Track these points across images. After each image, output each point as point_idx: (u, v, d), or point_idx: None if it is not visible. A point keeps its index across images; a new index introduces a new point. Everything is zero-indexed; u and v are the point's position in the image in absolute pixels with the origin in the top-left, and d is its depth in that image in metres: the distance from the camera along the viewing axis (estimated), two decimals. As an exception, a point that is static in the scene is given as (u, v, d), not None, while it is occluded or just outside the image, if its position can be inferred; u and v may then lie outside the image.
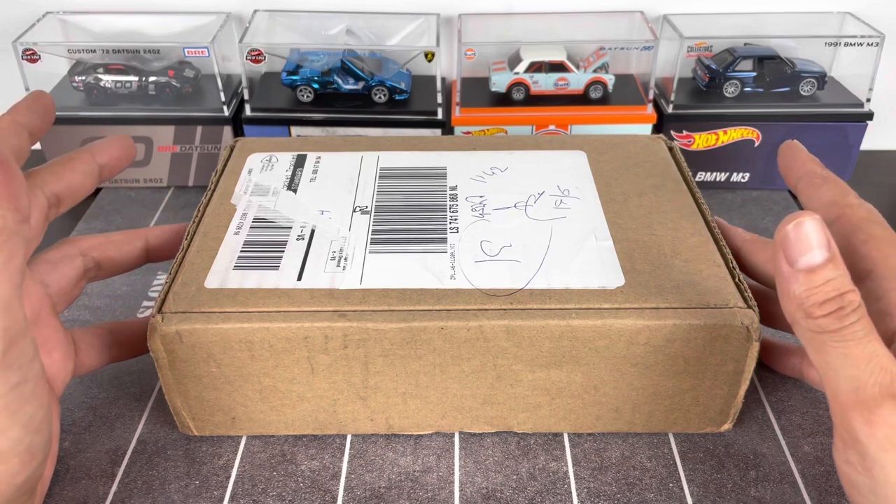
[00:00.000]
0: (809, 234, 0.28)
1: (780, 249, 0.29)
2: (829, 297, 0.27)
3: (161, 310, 0.34)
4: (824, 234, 0.28)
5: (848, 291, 0.27)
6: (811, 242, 0.28)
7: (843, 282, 0.28)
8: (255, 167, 0.44)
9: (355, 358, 0.34)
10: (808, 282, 0.28)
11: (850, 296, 0.27)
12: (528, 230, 0.39)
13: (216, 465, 0.37)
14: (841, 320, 0.27)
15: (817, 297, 0.28)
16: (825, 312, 0.27)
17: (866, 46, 0.55)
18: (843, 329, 0.27)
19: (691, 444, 0.38)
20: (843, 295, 0.27)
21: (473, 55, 0.57)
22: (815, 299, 0.28)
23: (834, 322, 0.27)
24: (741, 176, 0.59)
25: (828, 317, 0.27)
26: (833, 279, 0.28)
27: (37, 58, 0.55)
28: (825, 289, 0.27)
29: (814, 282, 0.28)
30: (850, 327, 0.27)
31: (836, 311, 0.27)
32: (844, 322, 0.27)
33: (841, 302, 0.27)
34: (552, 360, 0.35)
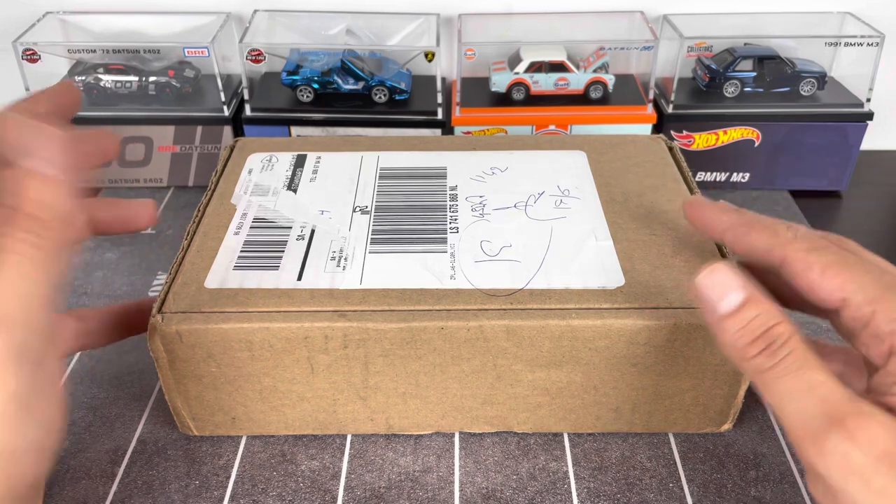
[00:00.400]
0: (723, 281, 0.29)
1: (701, 303, 0.30)
2: (756, 335, 0.28)
3: (161, 310, 0.34)
4: (737, 276, 0.29)
5: (774, 325, 0.28)
6: (726, 288, 0.29)
7: (766, 317, 0.28)
8: (255, 167, 0.44)
9: (355, 358, 0.34)
10: (733, 326, 0.29)
11: (777, 329, 0.28)
12: (528, 230, 0.39)
13: (216, 465, 0.37)
14: (773, 356, 0.27)
15: (745, 339, 0.28)
16: (756, 352, 0.28)
17: (866, 46, 0.55)
18: (777, 365, 0.27)
19: (691, 444, 0.38)
20: (769, 330, 0.28)
21: (473, 55, 0.57)
22: (743, 341, 0.28)
23: (767, 360, 0.27)
24: (741, 176, 0.59)
25: (760, 355, 0.28)
26: (755, 317, 0.28)
27: (37, 58, 0.55)
28: (750, 328, 0.28)
29: (738, 324, 0.28)
30: (784, 362, 0.27)
31: (766, 348, 0.28)
32: (776, 358, 0.27)
33: (768, 338, 0.28)
34: (552, 360, 0.35)
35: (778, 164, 0.58)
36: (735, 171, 0.59)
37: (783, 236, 0.30)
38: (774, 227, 0.31)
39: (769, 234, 0.31)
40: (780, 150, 0.57)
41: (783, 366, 0.27)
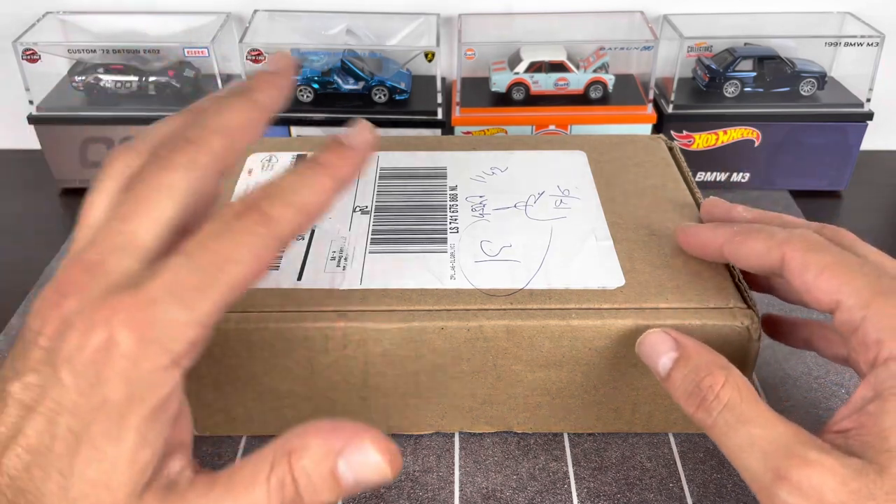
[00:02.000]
0: (654, 346, 0.31)
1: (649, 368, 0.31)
2: (689, 391, 0.29)
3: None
4: (667, 336, 0.30)
5: (703, 378, 0.28)
6: (659, 351, 0.30)
7: (696, 371, 0.29)
8: (255, 167, 0.44)
9: (355, 358, 0.34)
10: (673, 383, 0.30)
11: (707, 381, 0.28)
12: (528, 230, 0.39)
13: (216, 465, 0.37)
14: (709, 412, 0.28)
15: (683, 395, 0.29)
16: (694, 408, 0.28)
17: (866, 46, 0.55)
18: (715, 422, 0.27)
19: (691, 444, 0.38)
20: (698, 384, 0.28)
21: (473, 55, 0.57)
22: (682, 398, 0.29)
23: (705, 415, 0.28)
24: (741, 176, 0.59)
25: (698, 410, 0.28)
26: (687, 373, 0.29)
27: (37, 58, 0.55)
28: (684, 385, 0.29)
29: (675, 382, 0.29)
30: (721, 417, 0.27)
31: (700, 403, 0.28)
32: (713, 413, 0.28)
33: (700, 392, 0.28)
34: (552, 360, 0.35)
35: (778, 164, 0.58)
36: (735, 171, 0.59)
37: (778, 237, 0.30)
38: (769, 230, 0.31)
39: (764, 237, 0.31)
40: (780, 150, 0.57)
41: (721, 422, 0.27)
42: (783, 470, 0.25)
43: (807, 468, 0.25)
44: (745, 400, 0.27)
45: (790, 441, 0.26)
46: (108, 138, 0.57)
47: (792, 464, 0.25)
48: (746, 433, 0.26)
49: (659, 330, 0.31)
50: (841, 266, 0.28)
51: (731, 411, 0.27)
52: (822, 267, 0.29)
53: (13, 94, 0.60)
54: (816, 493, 0.24)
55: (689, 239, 0.36)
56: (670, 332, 0.31)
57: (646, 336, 0.31)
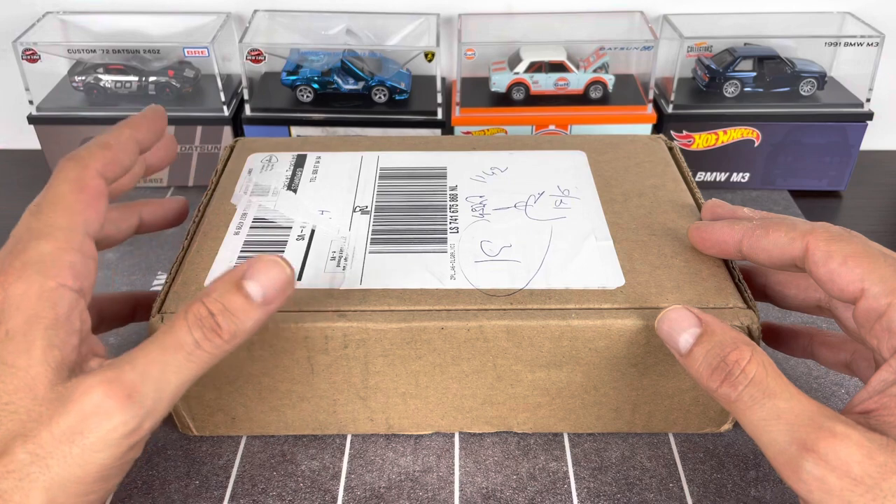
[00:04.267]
0: (676, 322, 0.30)
1: (668, 347, 0.31)
2: (714, 366, 0.29)
3: (161, 310, 0.34)
4: (690, 313, 0.30)
5: (728, 353, 0.28)
6: (681, 327, 0.30)
7: (721, 347, 0.29)
8: (255, 167, 0.44)
9: (355, 358, 0.34)
10: (694, 360, 0.29)
11: (732, 356, 0.28)
12: (528, 230, 0.39)
13: (216, 465, 0.37)
14: (734, 386, 0.28)
15: (706, 370, 0.29)
16: (718, 383, 0.28)
17: (866, 46, 0.55)
18: (740, 396, 0.27)
19: (691, 444, 0.38)
20: (724, 359, 0.28)
21: (473, 55, 0.57)
22: (705, 373, 0.29)
23: (730, 390, 0.28)
24: (741, 176, 0.59)
25: (723, 386, 0.28)
26: (711, 348, 0.29)
27: (37, 58, 0.55)
28: (708, 360, 0.29)
29: (698, 357, 0.29)
30: (746, 392, 0.27)
31: (725, 378, 0.28)
32: (738, 388, 0.28)
33: (725, 367, 0.28)
34: (552, 360, 0.35)
35: (778, 164, 0.58)
36: (735, 171, 0.59)
37: (801, 228, 0.31)
38: (790, 222, 0.32)
39: (787, 228, 0.31)
40: (780, 150, 0.57)
41: (747, 396, 0.27)
42: (810, 442, 0.25)
43: (834, 441, 0.25)
44: (771, 375, 0.27)
45: (816, 415, 0.26)
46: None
47: (819, 436, 0.25)
48: (773, 406, 0.27)
49: (680, 306, 0.31)
50: (865, 255, 0.29)
51: (757, 386, 0.27)
52: (846, 255, 0.29)
53: (13, 94, 0.60)
54: (843, 465, 0.24)
55: (704, 236, 0.36)
56: (692, 309, 0.31)
57: (666, 312, 0.31)
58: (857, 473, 0.24)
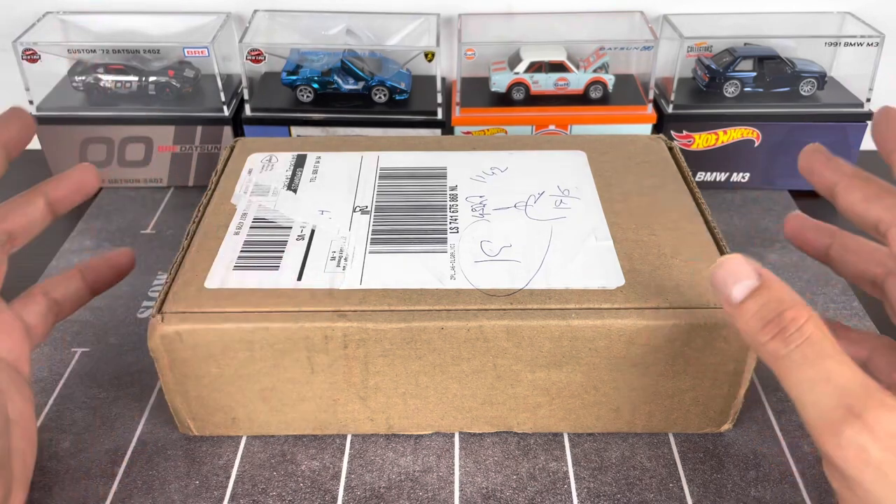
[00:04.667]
0: (736, 269, 0.29)
1: (717, 294, 0.30)
2: (769, 318, 0.28)
3: (161, 310, 0.34)
4: (749, 265, 0.29)
5: (786, 310, 0.28)
6: (739, 275, 0.29)
7: (779, 303, 0.28)
8: (255, 167, 0.44)
9: (355, 358, 0.34)
10: (747, 311, 0.28)
11: (790, 313, 0.27)
12: (528, 230, 0.39)
13: (216, 465, 0.37)
14: (786, 343, 0.27)
15: (758, 323, 0.28)
16: (769, 336, 0.28)
17: (866, 46, 0.55)
18: (791, 353, 0.27)
19: (691, 444, 0.38)
20: (781, 315, 0.28)
21: (473, 55, 0.56)
22: (757, 325, 0.28)
23: (781, 346, 0.27)
24: (741, 176, 0.59)
25: (773, 340, 0.27)
26: (767, 302, 0.28)
27: (37, 58, 0.55)
28: (762, 313, 0.28)
29: (751, 309, 0.28)
30: (799, 350, 0.27)
31: (779, 333, 0.27)
32: (790, 345, 0.27)
33: (781, 322, 0.27)
34: (552, 360, 0.35)
35: (778, 164, 0.58)
36: (735, 171, 0.59)
37: None
38: None
39: None
40: (780, 150, 0.57)
41: (799, 353, 0.27)
42: (858, 408, 0.25)
43: (883, 410, 0.24)
44: (827, 338, 0.27)
45: (868, 384, 0.25)
46: (108, 138, 0.57)
47: (869, 404, 0.25)
48: (824, 368, 0.26)
49: (739, 255, 0.30)
50: None
51: (812, 346, 0.27)
52: None
53: (13, 94, 0.59)
54: (889, 437, 0.24)
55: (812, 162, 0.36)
56: (751, 261, 0.29)
57: (725, 259, 0.30)
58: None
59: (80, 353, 0.44)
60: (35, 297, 0.36)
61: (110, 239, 0.53)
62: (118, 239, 0.53)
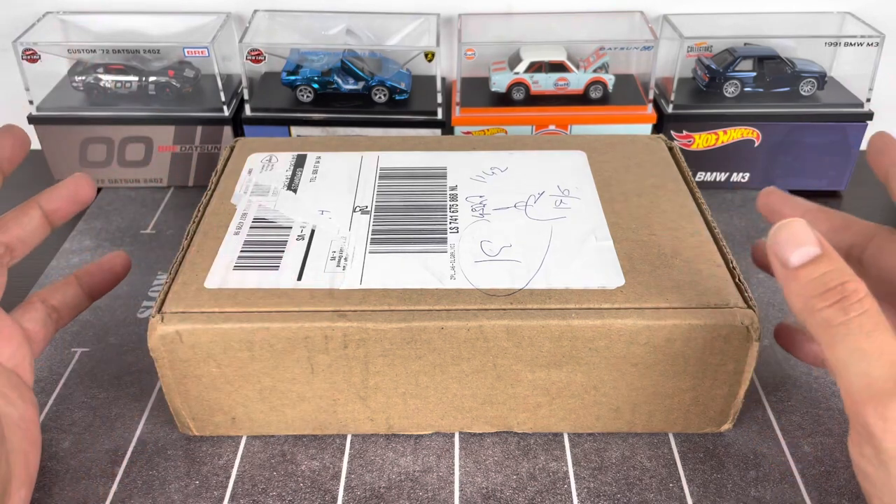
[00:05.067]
0: (798, 233, 0.29)
1: (774, 255, 0.29)
2: (830, 286, 0.27)
3: (161, 310, 0.34)
4: (813, 232, 0.29)
5: (848, 281, 0.27)
6: (801, 240, 0.28)
7: (841, 273, 0.28)
8: (256, 167, 0.44)
9: (355, 358, 0.34)
10: (806, 276, 0.28)
11: (852, 285, 0.27)
12: (528, 230, 0.39)
13: (216, 465, 0.37)
14: (846, 311, 0.27)
15: (817, 289, 0.28)
16: (828, 303, 0.27)
17: (866, 46, 0.55)
18: (849, 321, 0.27)
19: (691, 444, 0.38)
20: (843, 284, 0.27)
21: (473, 55, 0.56)
22: (814, 291, 0.28)
23: (839, 314, 0.27)
24: (741, 176, 0.59)
25: (832, 307, 0.27)
26: (830, 271, 0.28)
27: (37, 58, 0.55)
28: (824, 280, 0.28)
29: (811, 274, 0.28)
30: (857, 319, 0.27)
31: (839, 300, 0.27)
32: (850, 314, 0.27)
33: (843, 291, 0.27)
34: (552, 360, 0.35)
35: (778, 164, 0.58)
36: (735, 171, 0.59)
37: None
38: None
39: None
40: (780, 150, 0.57)
41: (856, 323, 0.27)
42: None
43: None
44: (882, 315, 0.27)
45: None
46: (108, 138, 0.57)
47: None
48: (880, 339, 0.26)
49: (803, 221, 0.29)
50: None
51: (870, 317, 0.27)
52: None
53: (13, 94, 0.60)
54: None
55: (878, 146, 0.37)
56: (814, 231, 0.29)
57: (788, 222, 0.29)
58: None
59: (80, 353, 0.44)
60: (34, 305, 0.37)
61: (110, 239, 0.53)
62: (118, 239, 0.53)
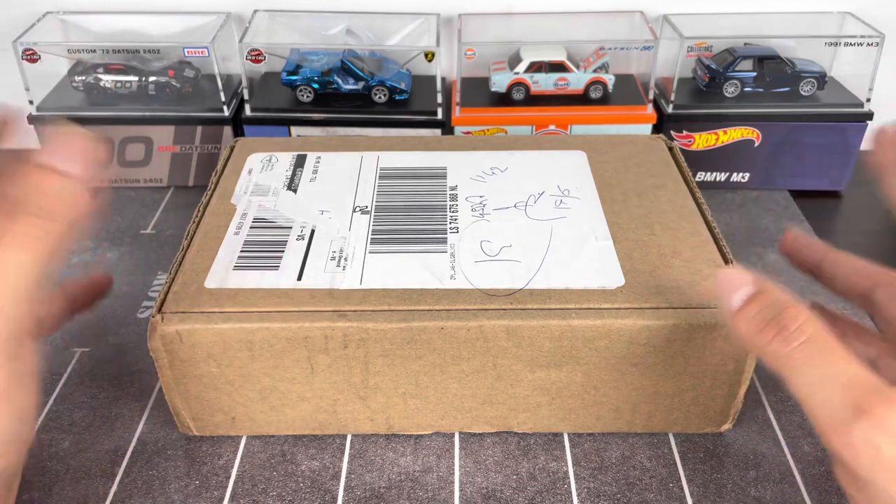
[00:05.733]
0: (734, 278, 0.30)
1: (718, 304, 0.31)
2: (767, 320, 0.28)
3: (161, 310, 0.34)
4: (745, 273, 0.30)
5: (786, 310, 0.28)
6: (738, 284, 0.30)
7: (777, 304, 0.28)
8: (256, 167, 0.44)
9: (355, 358, 0.34)
10: (746, 316, 0.29)
11: (790, 312, 0.28)
12: (528, 230, 0.39)
13: (216, 465, 0.37)
14: (787, 342, 0.27)
15: (758, 325, 0.28)
16: (770, 337, 0.28)
17: (866, 46, 0.55)
18: (793, 352, 0.27)
19: (691, 444, 0.38)
20: (780, 315, 0.28)
21: (473, 55, 0.56)
22: (756, 328, 0.28)
23: (781, 346, 0.27)
24: (741, 176, 0.59)
25: (774, 341, 0.27)
26: (767, 305, 0.28)
27: (37, 58, 0.55)
28: (762, 315, 0.28)
29: (750, 313, 0.29)
30: (801, 349, 0.27)
31: (779, 332, 0.27)
32: (791, 343, 0.27)
33: (780, 322, 0.28)
34: (552, 360, 0.35)
35: (778, 164, 0.58)
36: (735, 171, 0.59)
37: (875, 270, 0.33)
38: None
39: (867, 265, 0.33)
40: (780, 150, 0.57)
41: (802, 353, 0.26)
42: (867, 405, 0.24)
43: (892, 406, 0.24)
44: (828, 337, 0.27)
45: (875, 380, 0.25)
46: (108, 138, 0.57)
47: (878, 400, 0.24)
48: (829, 366, 0.26)
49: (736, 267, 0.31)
50: None
51: (813, 343, 0.27)
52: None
53: (13, 94, 0.60)
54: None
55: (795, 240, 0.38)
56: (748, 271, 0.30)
57: (721, 271, 0.30)
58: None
59: (80, 353, 0.44)
60: None
61: (110, 239, 0.53)
62: (118, 239, 0.53)
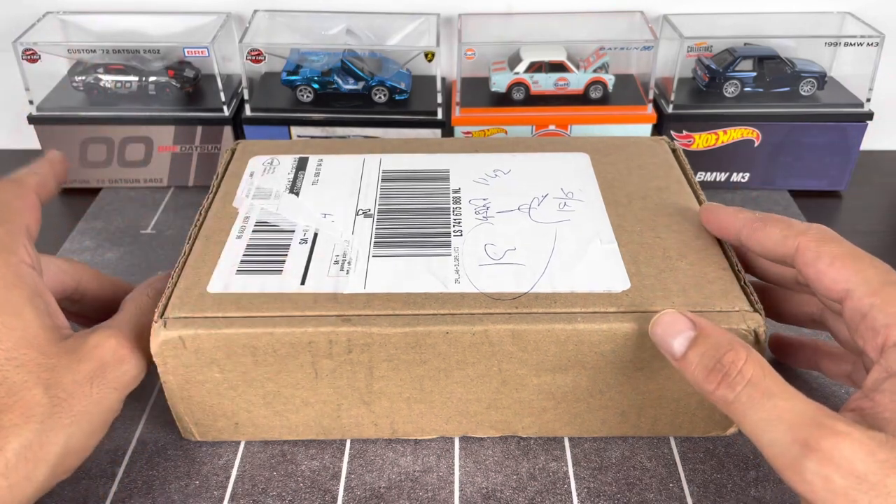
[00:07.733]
0: (669, 326, 0.31)
1: (662, 351, 0.31)
2: (710, 367, 0.29)
3: (163, 315, 0.34)
4: (683, 317, 0.31)
5: (724, 354, 0.28)
6: (675, 330, 0.30)
7: (717, 348, 0.29)
8: (257, 170, 0.44)
9: (359, 363, 0.34)
10: (690, 364, 0.29)
11: (728, 356, 0.28)
12: (532, 233, 0.39)
13: (216, 465, 0.37)
14: (732, 388, 0.28)
15: (703, 373, 0.29)
16: (715, 384, 0.28)
17: (866, 46, 0.55)
18: (738, 397, 0.27)
19: (691, 445, 0.38)
20: (720, 360, 0.28)
21: (473, 55, 0.56)
22: (702, 375, 0.29)
23: (727, 391, 0.28)
24: (741, 176, 0.59)
25: (720, 387, 0.28)
26: (706, 350, 0.29)
27: (37, 58, 0.55)
28: (704, 362, 0.29)
29: (692, 362, 0.29)
30: (744, 393, 0.27)
31: (722, 379, 0.28)
32: (735, 389, 0.28)
33: (722, 368, 0.28)
34: (557, 364, 0.35)
35: (778, 164, 0.58)
36: (735, 171, 0.59)
37: (797, 227, 0.32)
38: (788, 221, 0.33)
39: (783, 226, 0.33)
40: (780, 150, 0.57)
41: (745, 397, 0.27)
42: (813, 441, 0.25)
43: (836, 438, 0.25)
44: (768, 375, 0.27)
45: (817, 414, 0.26)
46: (108, 138, 0.57)
47: (822, 434, 0.25)
48: (772, 406, 0.26)
49: (672, 310, 0.31)
50: (853, 257, 0.30)
51: (755, 386, 0.27)
52: (834, 257, 0.30)
53: (13, 94, 0.59)
54: (847, 463, 0.24)
55: (710, 216, 0.37)
56: (685, 313, 0.31)
57: (659, 317, 0.31)
58: (861, 471, 0.24)
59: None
60: None
61: (110, 239, 0.53)
62: (118, 239, 0.53)
